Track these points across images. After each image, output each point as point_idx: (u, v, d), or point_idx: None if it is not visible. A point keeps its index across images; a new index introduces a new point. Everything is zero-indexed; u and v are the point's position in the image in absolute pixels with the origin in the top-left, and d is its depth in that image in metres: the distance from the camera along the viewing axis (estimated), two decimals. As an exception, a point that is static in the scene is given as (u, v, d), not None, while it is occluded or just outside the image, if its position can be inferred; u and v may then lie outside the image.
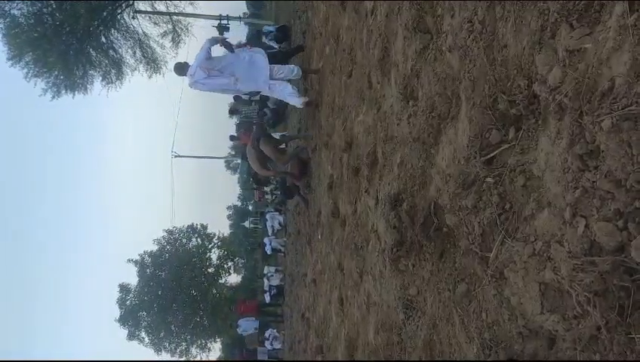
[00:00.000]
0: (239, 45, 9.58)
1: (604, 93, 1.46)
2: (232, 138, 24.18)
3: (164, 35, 27.35)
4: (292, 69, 7.79)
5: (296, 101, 7.91)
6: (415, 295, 2.94)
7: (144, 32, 26.81)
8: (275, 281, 20.11)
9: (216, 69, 7.29)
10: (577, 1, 1.62)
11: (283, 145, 10.29)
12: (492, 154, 2.14)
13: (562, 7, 1.68)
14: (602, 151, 1.47)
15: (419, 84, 2.99)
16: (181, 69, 7.58)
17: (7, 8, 21.94)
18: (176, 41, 27.64)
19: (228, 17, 23.92)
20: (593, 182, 1.51)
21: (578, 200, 1.56)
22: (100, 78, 26.47)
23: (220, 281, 43.49)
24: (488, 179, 2.14)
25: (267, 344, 18.64)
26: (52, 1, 22.81)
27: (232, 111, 21.56)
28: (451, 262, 2.50)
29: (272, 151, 8.85)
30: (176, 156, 38.73)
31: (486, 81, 2.15)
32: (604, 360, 1.45)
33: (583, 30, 1.59)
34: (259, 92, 8.34)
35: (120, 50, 26.62)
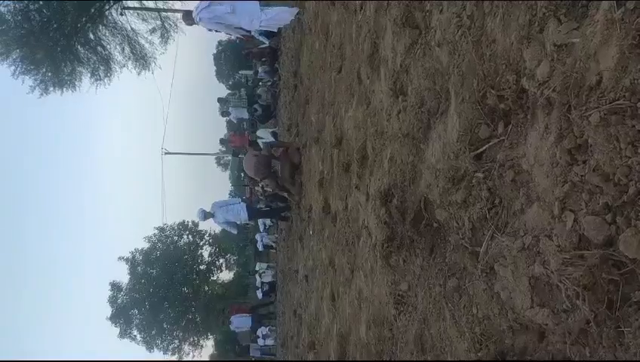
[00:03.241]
0: None
1: (592, 87, 1.47)
2: (222, 142, 24.18)
3: (152, 31, 27.11)
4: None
5: (287, 17, 8.82)
6: (406, 290, 2.95)
7: (132, 29, 26.57)
8: (267, 278, 20.10)
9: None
10: (565, -4, 1.62)
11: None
12: (481, 149, 2.14)
13: (550, 1, 1.68)
14: (590, 145, 1.48)
15: (408, 79, 2.99)
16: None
17: (-7, 6, 21.70)
18: (165, 37, 27.41)
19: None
20: (582, 176, 1.51)
21: (567, 195, 1.56)
22: (89, 74, 26.24)
23: (212, 278, 43.45)
24: (478, 174, 2.15)
25: (260, 340, 18.64)
26: (39, -2, 22.59)
27: (221, 101, 21.73)
28: (442, 257, 2.51)
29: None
30: (166, 153, 38.58)
31: (475, 76, 2.15)
32: (592, 360, 1.46)
33: (571, 24, 1.59)
34: (249, 31, 9.06)
35: (108, 46, 26.36)
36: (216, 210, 10.65)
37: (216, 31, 8.95)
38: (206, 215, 10.84)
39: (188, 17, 8.60)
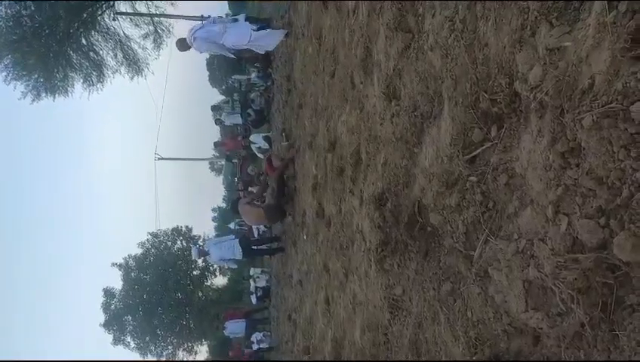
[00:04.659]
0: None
1: (585, 90, 1.47)
2: (215, 145, 24.20)
3: (145, 36, 27.06)
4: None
5: (277, 38, 9.33)
6: (400, 294, 2.94)
7: (125, 34, 26.50)
8: (262, 283, 20.01)
9: (210, 22, 9.04)
10: (557, 0, 1.62)
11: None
12: (475, 153, 2.14)
13: (542, 5, 1.69)
14: (583, 148, 1.48)
15: (401, 83, 2.99)
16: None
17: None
18: (157, 42, 27.36)
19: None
20: (575, 179, 1.51)
21: (560, 198, 1.56)
22: (81, 80, 26.13)
23: (206, 284, 43.26)
24: (471, 178, 2.15)
25: (254, 346, 18.55)
26: (31, 2, 22.44)
27: (214, 109, 21.80)
28: (436, 261, 2.50)
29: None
30: (159, 158, 38.40)
31: (468, 79, 2.15)
32: (586, 360, 1.46)
33: (563, 28, 1.59)
34: (240, 50, 9.50)
35: (101, 52, 26.25)
36: (210, 248, 10.73)
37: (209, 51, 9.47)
38: (200, 252, 10.97)
39: (182, 44, 8.96)
